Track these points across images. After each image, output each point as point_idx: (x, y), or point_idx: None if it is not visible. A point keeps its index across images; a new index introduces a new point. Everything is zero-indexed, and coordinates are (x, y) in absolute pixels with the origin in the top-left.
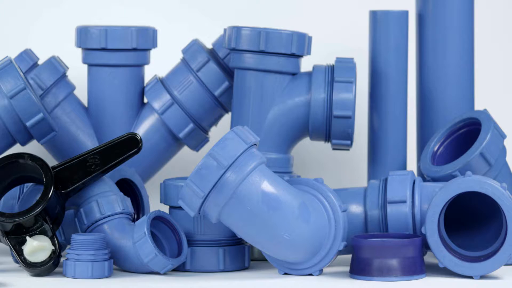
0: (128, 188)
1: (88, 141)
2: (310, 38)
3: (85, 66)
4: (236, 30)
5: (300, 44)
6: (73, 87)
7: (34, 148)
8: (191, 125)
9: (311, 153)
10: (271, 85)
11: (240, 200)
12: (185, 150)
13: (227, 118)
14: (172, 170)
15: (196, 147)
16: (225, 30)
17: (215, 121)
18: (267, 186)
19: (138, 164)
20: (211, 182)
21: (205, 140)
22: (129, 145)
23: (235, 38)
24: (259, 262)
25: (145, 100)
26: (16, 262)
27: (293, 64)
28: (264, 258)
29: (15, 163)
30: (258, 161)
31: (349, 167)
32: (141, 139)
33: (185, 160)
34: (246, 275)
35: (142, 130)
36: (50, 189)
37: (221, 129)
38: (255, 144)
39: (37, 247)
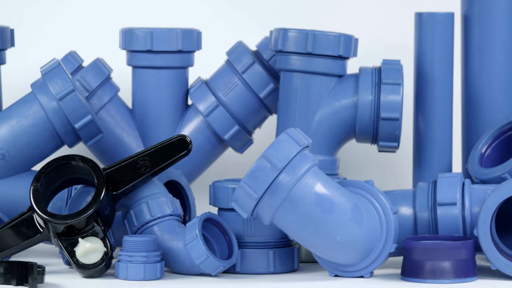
0: (174, 190)
1: (133, 143)
2: (356, 40)
3: (124, 67)
4: (283, 32)
5: (347, 46)
6: (117, 89)
7: (77, 150)
8: (236, 127)
9: (354, 155)
10: (317, 87)
11: (294, 202)
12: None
13: (270, 120)
14: (213, 172)
15: (241, 149)
16: (271, 32)
17: (259, 123)
18: (320, 188)
19: (182, 166)
20: (265, 184)
21: (249, 142)
22: (179, 147)
23: (282, 40)
24: (307, 264)
25: (189, 102)
26: (67, 263)
27: (339, 66)
28: (311, 260)
29: (67, 164)
30: (311, 163)
31: (392, 169)
32: (191, 141)
33: (226, 162)
34: (297, 277)
35: (186, 131)
36: (102, 191)
37: (265, 131)
38: (308, 146)
39: (90, 248)
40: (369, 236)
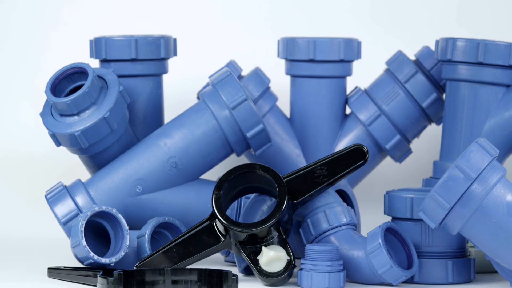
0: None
1: (292, 153)
2: None
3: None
4: (452, 42)
5: None
6: (276, 99)
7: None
8: (397, 137)
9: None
10: (485, 97)
11: (485, 212)
12: None
13: (429, 129)
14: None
15: (400, 158)
16: (436, 41)
17: (419, 132)
18: (511, 198)
19: None
20: (457, 194)
21: (409, 151)
22: (355, 156)
23: (451, 50)
24: (481, 274)
25: (347, 111)
26: (243, 272)
27: (509, 76)
28: (483, 271)
29: (247, 173)
30: (502, 173)
31: None
32: (367, 150)
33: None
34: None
35: (346, 141)
36: (284, 200)
37: (423, 140)
38: (495, 156)
39: (274, 257)
40: None
